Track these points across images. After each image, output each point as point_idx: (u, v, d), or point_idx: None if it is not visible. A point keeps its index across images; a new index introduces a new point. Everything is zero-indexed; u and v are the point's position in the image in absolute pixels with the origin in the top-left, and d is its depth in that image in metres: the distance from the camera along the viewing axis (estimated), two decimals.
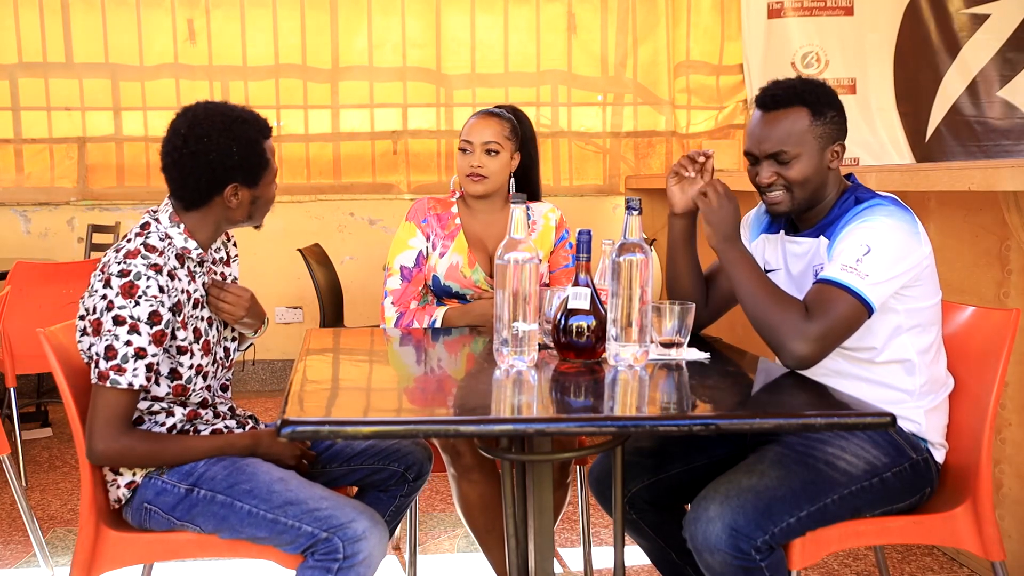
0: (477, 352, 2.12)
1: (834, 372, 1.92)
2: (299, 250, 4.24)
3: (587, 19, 5.32)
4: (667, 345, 1.86)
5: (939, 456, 1.95)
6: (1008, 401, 2.61)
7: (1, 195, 4.98)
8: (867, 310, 1.80)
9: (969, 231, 2.73)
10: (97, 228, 4.70)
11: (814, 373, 1.91)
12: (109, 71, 5.03)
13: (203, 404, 1.98)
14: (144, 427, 1.92)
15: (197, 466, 1.87)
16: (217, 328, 2.01)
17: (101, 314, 1.81)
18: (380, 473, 2.10)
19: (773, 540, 1.73)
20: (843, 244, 1.86)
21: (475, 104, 5.16)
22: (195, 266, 1.94)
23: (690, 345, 1.90)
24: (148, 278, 1.80)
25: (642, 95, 5.41)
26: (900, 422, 1.91)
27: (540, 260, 2.23)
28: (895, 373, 1.92)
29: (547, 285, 2.49)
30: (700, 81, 5.42)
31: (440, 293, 2.49)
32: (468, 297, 2.47)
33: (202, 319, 1.95)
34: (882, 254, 1.81)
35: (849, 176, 2.05)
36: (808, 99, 1.94)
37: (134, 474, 1.89)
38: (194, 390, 1.94)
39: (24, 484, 3.58)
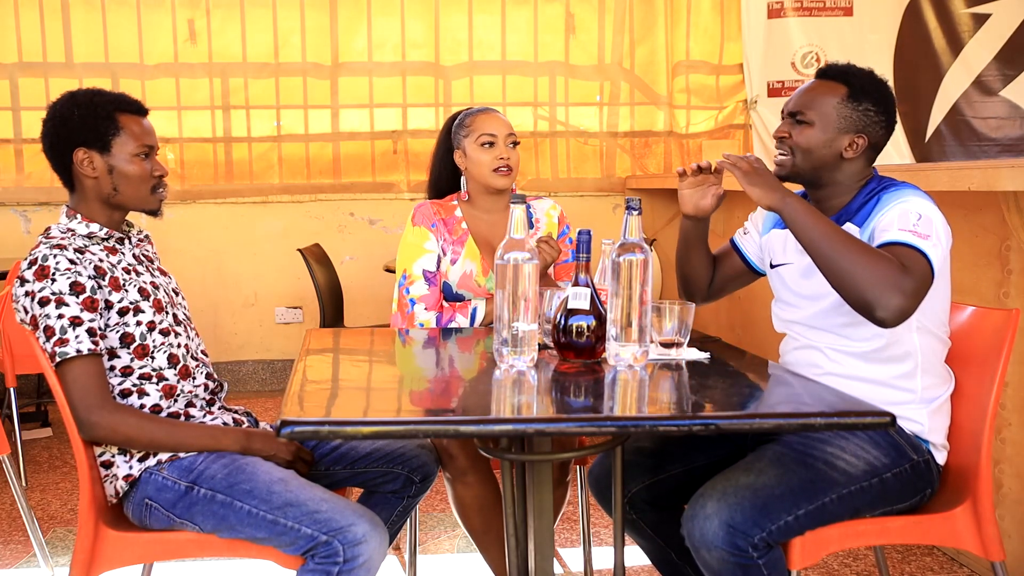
0: (477, 352, 2.12)
1: (837, 375, 1.92)
2: (299, 250, 4.25)
3: (586, 18, 5.33)
4: (667, 345, 1.86)
5: (940, 458, 1.95)
6: (1008, 401, 2.61)
7: (1, 195, 4.97)
8: (932, 272, 1.76)
9: (969, 231, 2.73)
10: None
11: (816, 374, 1.91)
12: (109, 71, 5.03)
13: (177, 367, 1.95)
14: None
15: (196, 462, 1.87)
16: (165, 292, 2.02)
17: (31, 307, 1.84)
18: (385, 476, 2.10)
19: (770, 538, 1.73)
20: (891, 214, 1.83)
21: (473, 103, 5.16)
22: (115, 243, 1.96)
23: (690, 345, 1.90)
24: (55, 256, 1.84)
25: (640, 94, 5.41)
26: (903, 423, 1.91)
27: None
28: (900, 373, 1.92)
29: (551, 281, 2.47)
30: (700, 81, 5.42)
31: (450, 299, 2.46)
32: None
33: (146, 282, 1.96)
34: (933, 221, 1.81)
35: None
36: (852, 81, 1.96)
37: (131, 467, 1.89)
38: (155, 346, 1.93)
39: (24, 484, 3.58)
